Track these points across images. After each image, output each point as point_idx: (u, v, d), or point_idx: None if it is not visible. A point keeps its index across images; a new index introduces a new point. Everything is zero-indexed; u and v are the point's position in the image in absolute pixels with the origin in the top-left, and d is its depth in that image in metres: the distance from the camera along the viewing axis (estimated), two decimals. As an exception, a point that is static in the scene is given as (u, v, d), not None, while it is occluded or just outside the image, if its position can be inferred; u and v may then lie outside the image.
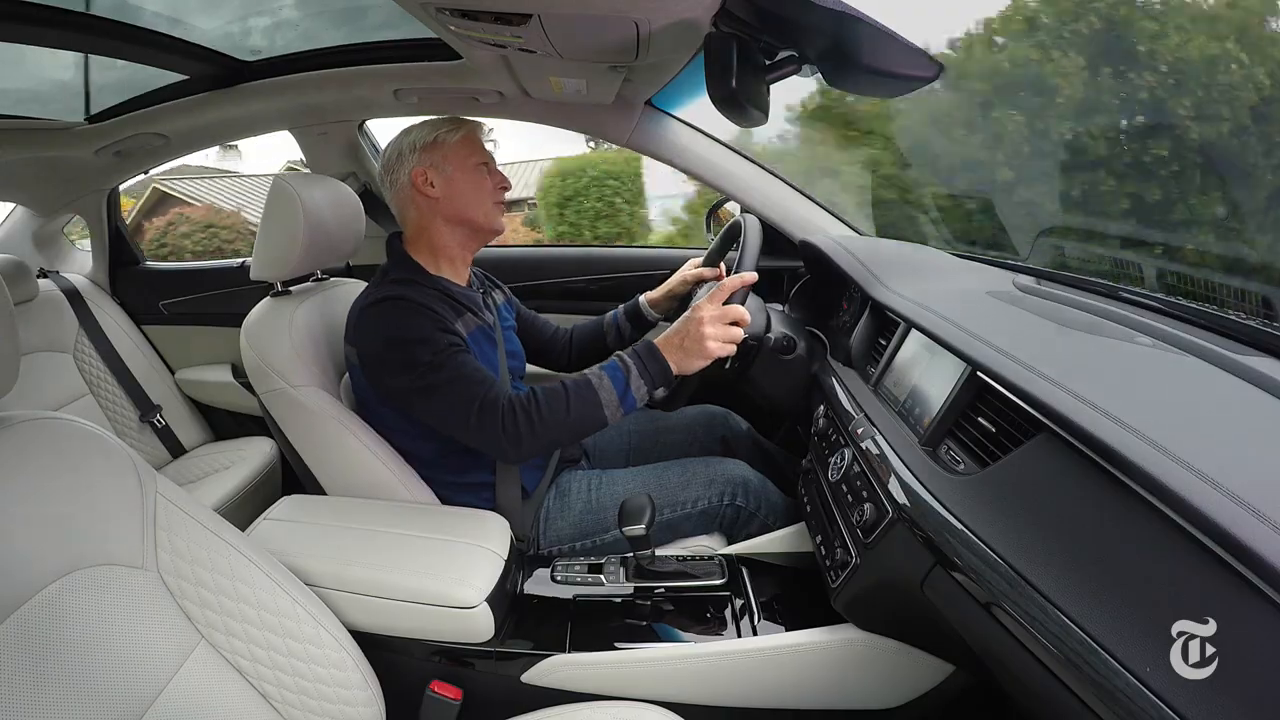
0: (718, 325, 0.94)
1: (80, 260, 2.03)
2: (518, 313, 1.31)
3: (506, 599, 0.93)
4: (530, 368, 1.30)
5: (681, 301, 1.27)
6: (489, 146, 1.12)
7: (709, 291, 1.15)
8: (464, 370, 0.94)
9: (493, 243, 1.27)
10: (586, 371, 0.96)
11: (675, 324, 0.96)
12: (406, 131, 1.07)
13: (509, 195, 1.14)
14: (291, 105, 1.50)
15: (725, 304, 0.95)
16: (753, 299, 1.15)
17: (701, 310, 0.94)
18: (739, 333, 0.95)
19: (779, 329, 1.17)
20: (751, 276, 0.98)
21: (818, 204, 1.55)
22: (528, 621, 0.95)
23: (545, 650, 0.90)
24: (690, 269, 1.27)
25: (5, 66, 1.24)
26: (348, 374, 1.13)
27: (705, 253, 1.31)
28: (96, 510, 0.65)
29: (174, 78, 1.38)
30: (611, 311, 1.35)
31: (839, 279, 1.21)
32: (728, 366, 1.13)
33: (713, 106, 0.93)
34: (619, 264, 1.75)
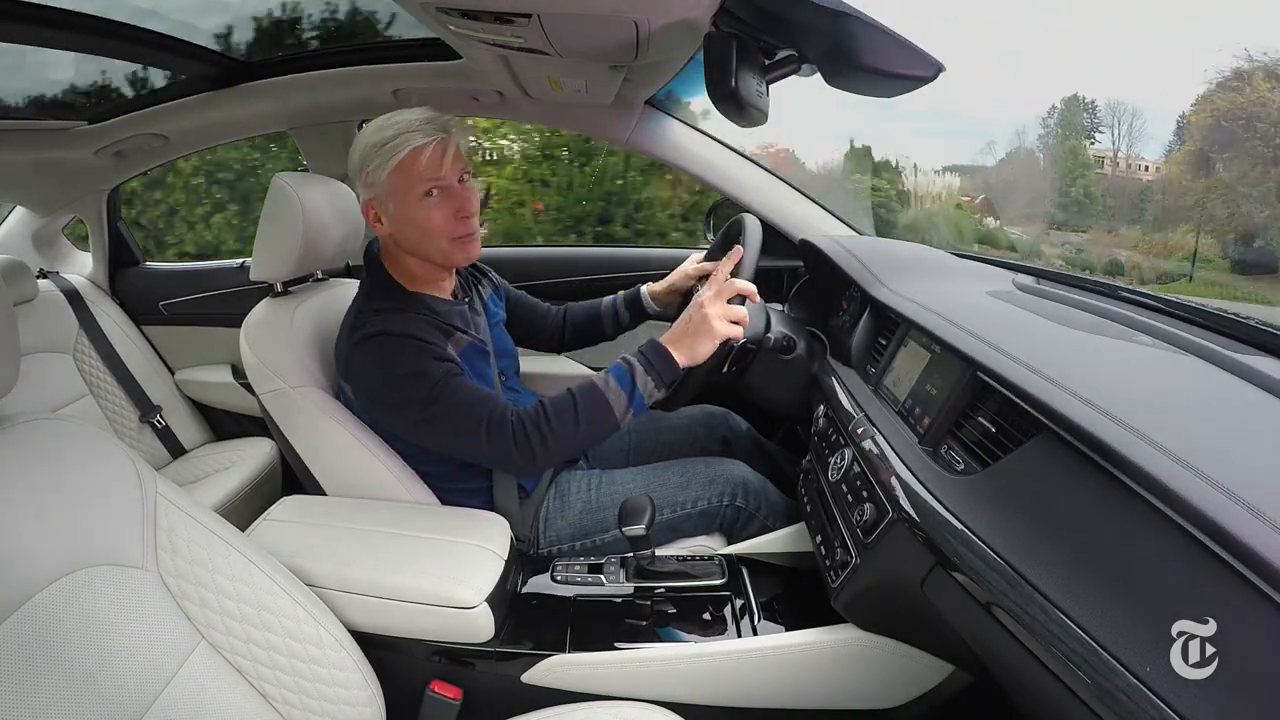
0: (719, 304, 0.92)
1: (80, 260, 2.03)
2: (507, 298, 1.29)
3: (506, 599, 0.93)
4: (525, 367, 1.30)
5: (684, 296, 1.27)
6: (431, 148, 0.92)
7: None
8: (461, 395, 0.91)
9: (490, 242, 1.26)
10: (591, 376, 0.94)
11: (680, 317, 0.95)
12: (355, 144, 0.96)
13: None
14: (291, 105, 1.50)
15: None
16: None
17: (704, 298, 0.93)
18: (744, 311, 0.94)
19: (779, 329, 1.17)
20: (738, 251, 0.98)
21: (817, 204, 1.55)
22: (528, 621, 0.95)
23: (545, 650, 0.90)
24: (693, 264, 1.26)
25: (6, 67, 1.24)
26: None
27: (705, 252, 1.31)
28: (96, 510, 0.65)
29: (174, 78, 1.38)
30: (610, 297, 1.33)
31: (839, 279, 1.21)
32: (725, 370, 1.13)
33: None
34: (618, 264, 1.75)
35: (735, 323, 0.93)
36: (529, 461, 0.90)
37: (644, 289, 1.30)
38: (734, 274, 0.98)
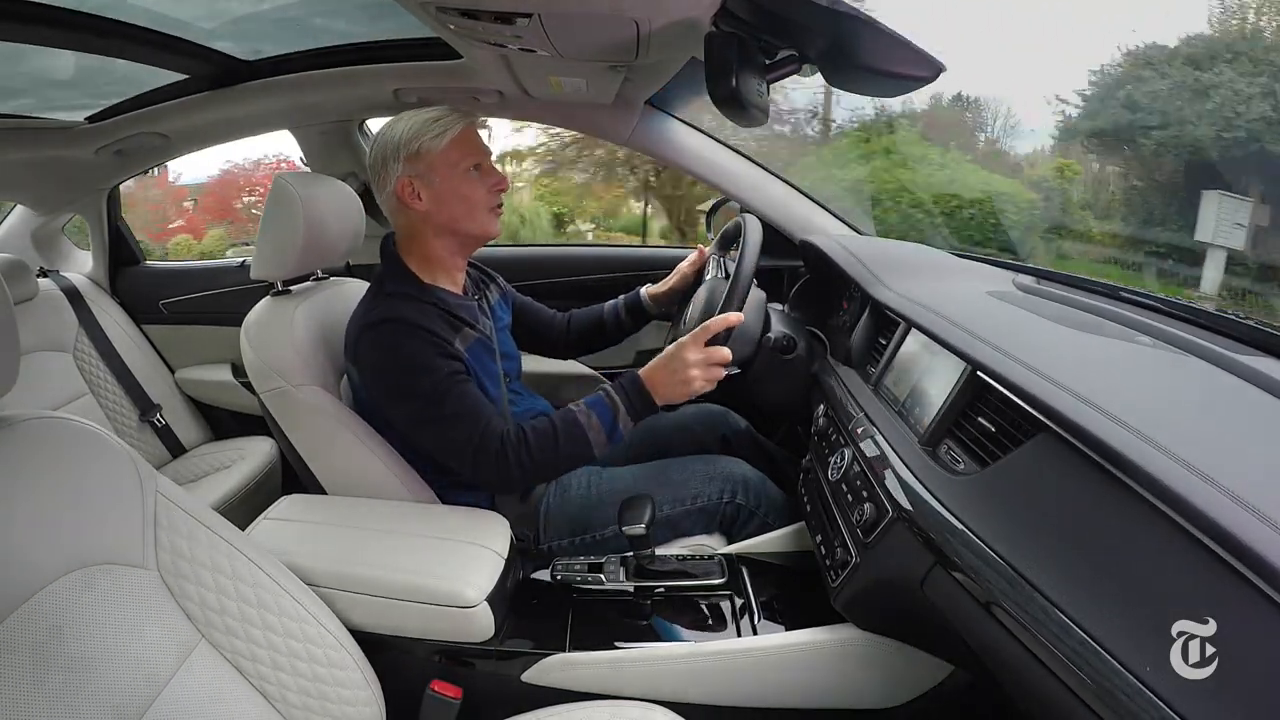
0: (702, 366, 0.95)
1: (80, 259, 2.03)
2: (514, 304, 1.30)
3: (506, 598, 0.93)
4: (528, 366, 1.30)
5: (684, 296, 1.28)
6: (482, 134, 1.06)
7: (709, 286, 1.15)
8: (462, 405, 0.95)
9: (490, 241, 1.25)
10: (574, 409, 0.97)
11: (661, 357, 0.97)
12: (391, 128, 1.02)
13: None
14: (291, 105, 1.50)
15: (710, 344, 0.96)
16: (754, 296, 1.14)
17: (688, 351, 0.95)
18: (721, 371, 0.97)
19: (779, 329, 1.17)
20: (737, 318, 0.97)
21: (818, 204, 1.55)
22: (528, 621, 0.95)
23: (545, 650, 0.90)
24: (689, 264, 1.28)
25: (6, 65, 1.24)
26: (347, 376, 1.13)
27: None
28: (96, 509, 0.65)
29: (174, 77, 1.38)
30: (611, 302, 1.35)
31: (839, 279, 1.21)
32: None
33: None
34: (619, 263, 1.75)
35: (710, 380, 0.96)
36: (506, 484, 0.97)
37: (643, 292, 1.31)
38: (730, 290, 0.99)
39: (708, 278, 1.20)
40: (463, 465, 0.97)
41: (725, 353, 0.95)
